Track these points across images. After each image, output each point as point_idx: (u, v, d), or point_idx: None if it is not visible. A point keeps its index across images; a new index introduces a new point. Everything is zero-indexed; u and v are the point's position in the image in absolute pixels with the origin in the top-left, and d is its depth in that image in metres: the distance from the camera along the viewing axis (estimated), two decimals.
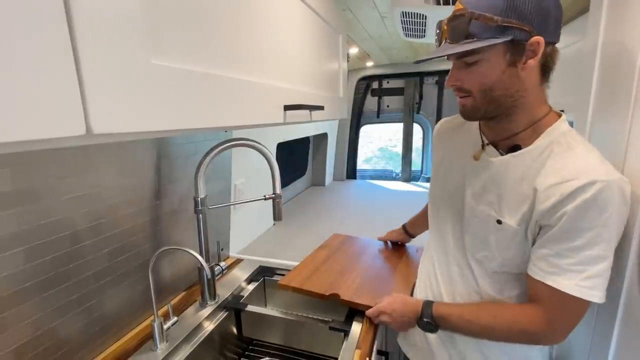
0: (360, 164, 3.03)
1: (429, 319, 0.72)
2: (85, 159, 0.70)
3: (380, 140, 8.31)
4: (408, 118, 2.73)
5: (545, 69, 0.61)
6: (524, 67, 0.57)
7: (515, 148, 0.64)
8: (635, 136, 0.66)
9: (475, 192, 0.69)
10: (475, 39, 0.55)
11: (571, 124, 0.99)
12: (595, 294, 0.57)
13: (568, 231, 0.56)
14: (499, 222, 0.64)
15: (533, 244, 0.63)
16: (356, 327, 0.89)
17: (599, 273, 0.56)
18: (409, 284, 1.02)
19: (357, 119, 2.76)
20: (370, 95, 2.76)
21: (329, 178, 2.66)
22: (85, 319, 0.73)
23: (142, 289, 0.87)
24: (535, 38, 0.54)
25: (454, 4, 0.64)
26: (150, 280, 0.76)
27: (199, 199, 0.92)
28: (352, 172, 2.86)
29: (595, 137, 0.84)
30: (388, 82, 2.70)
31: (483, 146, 0.68)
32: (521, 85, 0.59)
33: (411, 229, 1.22)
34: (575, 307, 0.60)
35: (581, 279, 0.57)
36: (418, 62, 0.65)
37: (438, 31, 0.62)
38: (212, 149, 0.89)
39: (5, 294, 0.58)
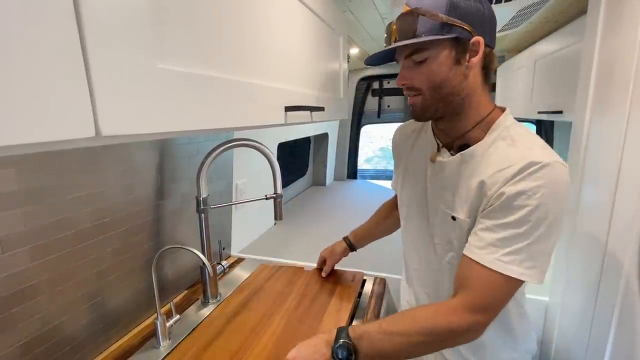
0: (361, 164, 3.04)
1: (345, 339, 0.60)
2: (89, 160, 0.71)
3: (381, 140, 8.32)
4: (409, 118, 2.73)
5: (487, 71, 0.64)
6: (468, 66, 0.60)
7: (464, 147, 0.65)
8: (631, 136, 0.67)
9: (435, 193, 0.71)
10: (422, 35, 0.57)
11: (569, 124, 1.00)
12: (514, 269, 0.56)
13: (502, 209, 0.57)
14: (454, 218, 0.66)
15: None
16: (355, 323, 0.90)
17: (522, 250, 0.56)
18: (341, 321, 0.89)
19: (358, 119, 2.77)
20: (370, 96, 2.77)
21: (329, 178, 2.67)
22: (90, 316, 0.75)
23: (145, 287, 0.89)
24: (476, 37, 0.58)
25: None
26: (154, 279, 0.77)
27: (201, 198, 0.93)
28: (352, 172, 2.87)
29: (593, 136, 0.85)
30: (389, 82, 2.71)
31: (438, 148, 0.70)
32: (467, 84, 0.61)
33: (356, 242, 1.09)
34: (499, 286, 0.58)
35: (503, 254, 0.56)
36: (368, 63, 0.67)
37: (386, 35, 0.64)
38: (214, 150, 0.90)
39: (12, 291, 0.60)
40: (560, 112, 1.26)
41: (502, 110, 0.67)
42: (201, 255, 0.81)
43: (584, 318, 0.81)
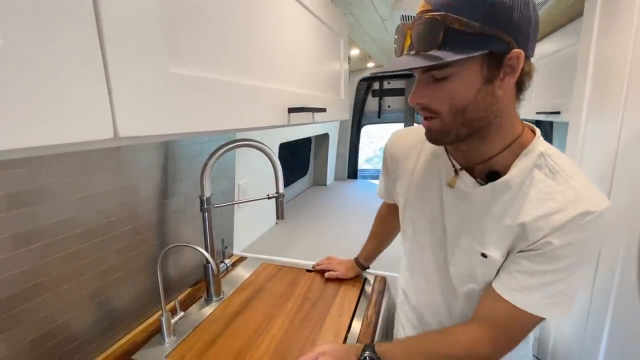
0: (362, 164, 3.05)
1: (371, 353, 0.63)
2: (96, 160, 0.73)
3: (381, 140, 8.32)
4: (409, 118, 2.75)
5: (521, 87, 0.52)
6: (501, 85, 0.49)
7: (493, 175, 0.56)
8: (625, 136, 0.69)
9: (456, 223, 0.62)
10: (447, 48, 0.45)
11: (566, 124, 1.01)
12: (551, 311, 0.54)
13: (546, 257, 0.52)
14: (484, 255, 0.58)
15: None
16: (356, 325, 0.91)
17: (564, 292, 0.54)
18: (344, 326, 0.90)
19: (358, 120, 2.79)
20: (371, 96, 2.78)
21: (330, 178, 2.69)
22: (97, 313, 0.76)
23: (150, 285, 0.90)
24: (516, 51, 0.46)
25: None
26: (159, 276, 0.79)
27: (204, 198, 0.95)
28: (353, 172, 2.89)
29: (589, 136, 0.86)
30: (389, 83, 2.72)
31: (456, 171, 0.60)
32: (497, 105, 0.50)
33: (366, 262, 1.09)
34: (527, 325, 0.57)
35: (541, 297, 0.54)
36: (373, 75, 0.58)
37: (397, 37, 0.52)
38: (217, 150, 0.92)
39: (21, 289, 0.61)
40: (558, 112, 1.28)
41: (532, 130, 0.57)
42: (206, 253, 0.82)
43: (580, 315, 0.82)
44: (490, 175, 0.56)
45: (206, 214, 0.97)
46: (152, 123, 0.35)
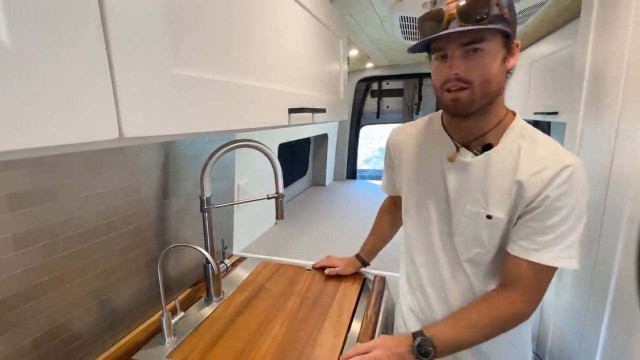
0: (360, 164, 3.06)
1: (423, 337, 0.69)
2: (98, 160, 0.73)
3: (380, 141, 8.34)
4: (408, 119, 2.76)
5: (508, 74, 0.65)
6: (507, 66, 0.62)
7: (487, 147, 0.68)
8: (622, 136, 0.70)
9: (460, 193, 0.71)
10: (490, 24, 0.56)
11: (564, 124, 1.02)
12: (571, 261, 0.64)
13: (548, 211, 0.63)
14: (489, 217, 0.68)
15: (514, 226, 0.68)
16: (356, 325, 0.92)
17: (572, 244, 0.63)
18: (344, 325, 0.90)
19: (357, 120, 2.80)
20: (370, 97, 2.79)
21: (329, 178, 2.69)
22: (98, 313, 0.77)
23: (150, 285, 0.91)
24: (517, 40, 0.61)
25: None
26: (159, 276, 0.79)
27: (204, 198, 0.95)
28: (352, 173, 2.89)
29: (586, 136, 0.87)
30: (388, 84, 2.73)
31: (458, 148, 0.71)
32: (503, 83, 0.63)
33: (368, 257, 1.12)
34: (548, 277, 0.66)
35: (559, 250, 0.63)
36: (414, 48, 0.65)
37: (433, 20, 0.60)
38: (217, 150, 0.92)
39: (24, 288, 0.61)
40: (556, 113, 1.29)
41: (513, 113, 0.70)
42: (206, 253, 0.83)
43: (578, 314, 0.83)
44: (485, 147, 0.68)
45: (206, 214, 0.97)
46: (157, 123, 0.36)
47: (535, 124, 2.55)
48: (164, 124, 0.37)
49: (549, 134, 2.36)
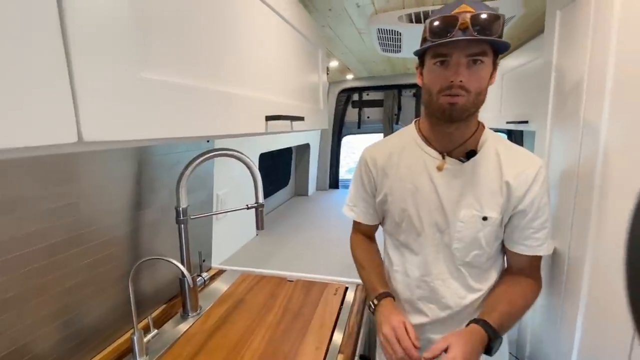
0: (343, 174, 3.07)
1: (493, 332, 0.68)
2: (66, 169, 0.70)
3: (361, 150, 8.42)
4: (388, 128, 2.80)
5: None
6: (491, 81, 0.68)
7: (471, 153, 0.73)
8: (586, 140, 0.73)
9: (453, 199, 0.74)
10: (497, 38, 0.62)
11: (533, 133, 1.06)
12: (551, 247, 0.77)
13: (538, 210, 0.71)
14: (485, 218, 0.72)
15: (505, 226, 0.75)
16: (337, 336, 0.90)
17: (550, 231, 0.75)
18: (325, 337, 0.88)
19: (339, 130, 2.82)
20: (351, 107, 2.83)
21: (312, 188, 2.69)
22: (64, 332, 0.72)
23: (122, 301, 0.86)
24: (499, 60, 0.67)
25: (424, 22, 0.68)
26: (131, 292, 0.75)
27: (180, 209, 0.92)
28: (334, 182, 2.90)
29: (555, 143, 0.91)
30: (368, 94, 2.78)
31: (443, 157, 0.75)
32: (486, 95, 0.68)
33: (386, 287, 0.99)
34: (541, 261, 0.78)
35: (551, 240, 0.75)
36: (418, 52, 0.70)
37: (445, 24, 0.62)
38: (194, 159, 0.90)
39: None
40: (526, 122, 1.35)
41: (482, 124, 0.77)
42: (181, 266, 0.80)
43: (553, 319, 0.85)
44: (469, 154, 0.73)
45: (182, 225, 0.94)
46: (122, 128, 0.34)
47: (509, 132, 2.67)
48: (129, 128, 0.35)
49: (521, 141, 2.47)
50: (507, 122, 1.56)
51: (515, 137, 2.43)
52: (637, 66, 0.57)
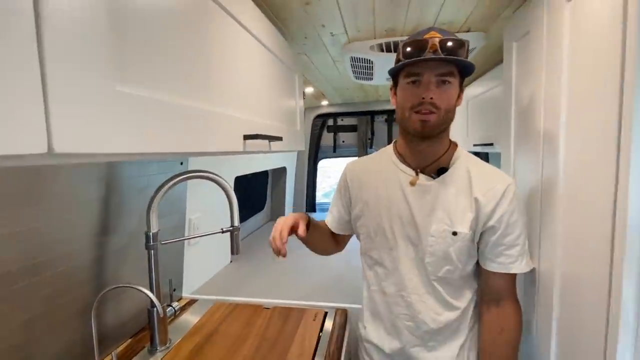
0: (320, 198, 3.08)
1: None
2: (24, 191, 0.65)
3: (337, 175, 8.54)
4: (362, 152, 2.88)
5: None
6: (458, 102, 0.74)
7: (442, 170, 0.77)
8: (547, 157, 0.79)
9: (425, 215, 0.76)
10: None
11: (499, 154, 1.13)
12: (530, 263, 0.78)
13: (508, 226, 0.74)
14: (455, 233, 0.74)
15: (478, 244, 0.77)
16: None
17: (527, 248, 0.78)
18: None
19: (315, 154, 2.86)
20: (326, 132, 2.89)
21: (288, 212, 2.66)
22: None
23: (84, 336, 0.78)
24: (464, 83, 0.73)
25: (395, 51, 0.74)
26: (93, 326, 0.69)
27: (150, 234, 0.88)
28: (311, 206, 2.89)
29: (518, 163, 0.97)
30: (342, 120, 2.87)
31: (417, 173, 0.78)
32: (454, 114, 0.74)
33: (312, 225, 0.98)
34: (516, 280, 0.79)
35: (526, 257, 0.77)
36: (393, 70, 0.74)
37: (416, 48, 0.68)
38: (166, 182, 0.87)
39: None
40: (491, 144, 1.43)
41: (455, 143, 0.82)
42: (150, 294, 0.75)
43: (529, 328, 0.86)
44: (439, 171, 0.77)
45: (152, 251, 0.89)
46: (95, 140, 0.33)
47: (476, 154, 2.83)
48: (103, 141, 0.34)
49: (487, 162, 2.62)
50: (474, 145, 1.65)
51: (482, 158, 2.57)
52: (587, 90, 0.63)
